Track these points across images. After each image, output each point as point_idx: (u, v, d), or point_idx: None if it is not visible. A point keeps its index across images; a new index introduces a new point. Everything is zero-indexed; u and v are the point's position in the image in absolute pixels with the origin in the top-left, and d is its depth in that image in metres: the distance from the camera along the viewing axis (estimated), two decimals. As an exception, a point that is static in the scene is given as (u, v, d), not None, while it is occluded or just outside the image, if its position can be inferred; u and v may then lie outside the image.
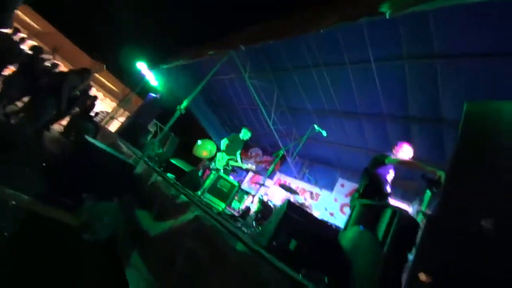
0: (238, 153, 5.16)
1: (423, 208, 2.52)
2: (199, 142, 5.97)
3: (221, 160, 5.00)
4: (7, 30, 5.31)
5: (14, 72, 5.24)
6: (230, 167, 4.99)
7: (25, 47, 5.82)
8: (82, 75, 4.64)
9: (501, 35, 3.15)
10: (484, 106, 1.73)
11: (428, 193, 2.58)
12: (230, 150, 5.11)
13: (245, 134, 5.34)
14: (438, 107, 4.41)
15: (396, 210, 1.69)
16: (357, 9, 2.94)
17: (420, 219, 2.03)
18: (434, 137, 4.91)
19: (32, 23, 9.13)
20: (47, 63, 6.05)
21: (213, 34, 5.40)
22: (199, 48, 6.02)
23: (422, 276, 1.30)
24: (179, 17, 6.12)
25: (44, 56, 5.99)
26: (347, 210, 6.50)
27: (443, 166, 4.96)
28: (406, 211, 1.68)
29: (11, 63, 5.35)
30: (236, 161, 5.03)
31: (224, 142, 5.18)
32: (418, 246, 1.40)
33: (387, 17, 2.63)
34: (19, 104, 5.42)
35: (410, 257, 1.58)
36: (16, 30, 5.85)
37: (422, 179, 2.56)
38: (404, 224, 1.64)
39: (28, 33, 8.66)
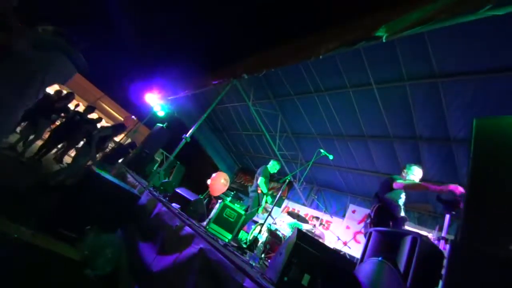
0: (262, 181, 4.79)
1: (443, 233, 2.34)
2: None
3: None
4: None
5: (60, 125, 5.88)
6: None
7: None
8: (115, 128, 5.11)
9: (501, 50, 3.19)
10: (494, 121, 1.68)
11: (447, 216, 2.41)
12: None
13: (273, 167, 5.04)
14: (445, 126, 4.34)
15: (416, 237, 1.56)
16: (354, 34, 3.04)
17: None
18: (444, 155, 4.76)
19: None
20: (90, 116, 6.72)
21: (216, 64, 5.62)
22: (204, 78, 6.25)
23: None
24: (183, 49, 6.45)
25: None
26: (361, 238, 6.15)
27: (457, 184, 4.77)
28: (427, 238, 1.55)
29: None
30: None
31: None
32: (445, 278, 1.27)
33: (384, 41, 2.70)
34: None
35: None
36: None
37: (438, 202, 2.41)
38: (427, 252, 1.50)
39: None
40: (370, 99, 4.87)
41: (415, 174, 3.18)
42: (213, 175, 5.18)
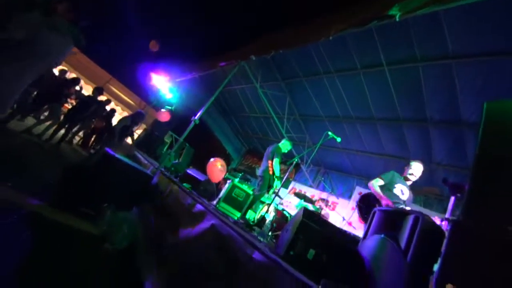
0: (277, 162, 4.35)
1: (447, 215, 2.39)
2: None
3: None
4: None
5: (73, 107, 6.11)
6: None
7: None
8: (133, 117, 5.26)
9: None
10: (505, 105, 1.66)
11: (451, 199, 2.45)
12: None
13: (285, 146, 4.65)
14: (457, 109, 4.24)
15: (418, 216, 1.62)
16: (366, 13, 2.93)
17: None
18: (455, 140, 4.70)
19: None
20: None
21: (225, 46, 5.55)
22: (211, 60, 6.20)
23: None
24: (192, 31, 6.36)
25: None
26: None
27: (465, 169, 4.75)
28: (429, 217, 1.60)
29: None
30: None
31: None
32: (443, 255, 1.33)
33: (397, 19, 2.61)
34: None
35: (436, 267, 1.50)
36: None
37: (444, 184, 2.44)
38: (428, 231, 1.56)
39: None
40: (380, 81, 4.76)
41: (413, 169, 3.30)
42: (210, 161, 4.92)
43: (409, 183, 3.26)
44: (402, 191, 3.11)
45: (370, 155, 6.57)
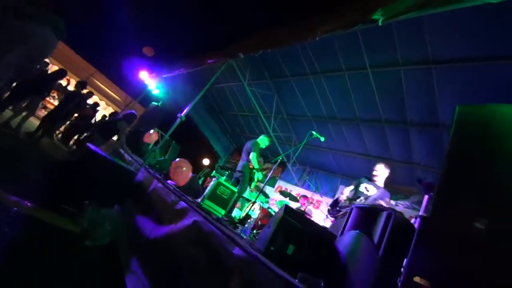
0: (254, 156, 4.62)
1: (420, 212, 2.52)
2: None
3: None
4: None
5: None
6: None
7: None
8: (129, 120, 5.23)
9: (494, 39, 3.22)
10: (476, 109, 1.76)
11: (425, 197, 2.59)
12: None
13: (263, 141, 4.99)
14: (435, 112, 4.45)
15: (391, 213, 1.71)
16: (350, 17, 3.02)
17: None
18: (434, 142, 4.93)
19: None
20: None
21: (213, 43, 5.52)
22: (199, 57, 6.15)
23: (417, 280, 1.31)
24: (181, 27, 6.28)
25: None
26: (348, 216, 6.47)
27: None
28: (400, 214, 1.70)
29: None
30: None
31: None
32: (412, 249, 1.42)
33: (380, 24, 2.71)
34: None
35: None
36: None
37: (419, 184, 2.58)
38: (399, 227, 1.65)
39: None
40: (364, 83, 4.91)
41: (377, 170, 3.71)
42: (174, 162, 4.63)
43: (377, 182, 3.68)
44: (366, 188, 3.62)
45: (354, 155, 6.76)
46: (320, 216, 6.32)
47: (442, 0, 2.36)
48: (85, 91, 7.12)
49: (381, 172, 3.70)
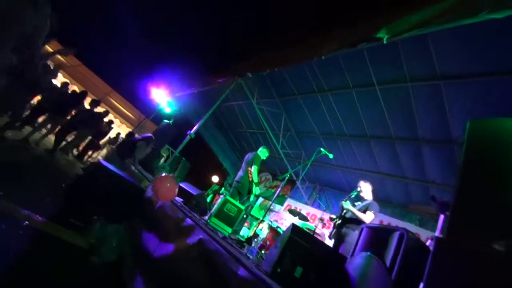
0: (255, 169, 4.65)
1: (436, 233, 2.39)
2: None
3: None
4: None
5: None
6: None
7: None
8: (148, 142, 5.54)
9: (503, 52, 3.19)
10: (487, 123, 1.71)
11: (441, 217, 2.46)
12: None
13: (263, 153, 4.97)
14: (447, 128, 4.34)
15: (403, 233, 1.63)
16: (355, 35, 3.09)
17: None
18: (447, 159, 4.76)
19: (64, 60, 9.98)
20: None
21: (222, 63, 5.74)
22: (210, 76, 6.37)
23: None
24: (191, 48, 6.59)
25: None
26: (360, 236, 6.19)
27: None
28: (413, 234, 1.61)
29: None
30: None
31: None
32: (427, 272, 1.33)
33: (384, 42, 2.75)
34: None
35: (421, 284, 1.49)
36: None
37: (433, 202, 2.47)
38: (412, 248, 1.57)
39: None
40: (372, 100, 4.89)
41: (361, 187, 4.05)
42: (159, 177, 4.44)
43: (364, 197, 3.95)
44: (349, 203, 3.88)
45: (365, 173, 6.59)
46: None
47: (446, 18, 2.39)
48: (99, 109, 7.48)
49: (364, 188, 4.00)
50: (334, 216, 4.06)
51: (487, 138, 1.61)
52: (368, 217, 3.42)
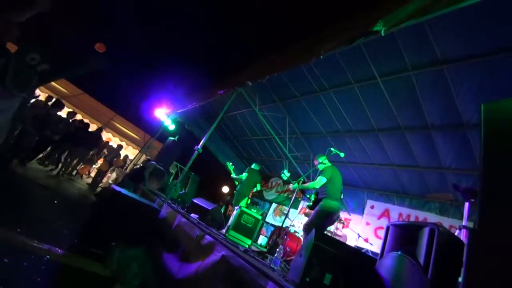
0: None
1: (464, 222, 2.30)
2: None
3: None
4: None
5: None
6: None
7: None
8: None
9: (502, 30, 3.12)
10: (501, 104, 1.66)
11: (466, 204, 2.38)
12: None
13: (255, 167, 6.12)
14: (456, 112, 4.24)
15: (434, 228, 1.56)
16: (352, 31, 3.07)
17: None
18: (459, 142, 4.63)
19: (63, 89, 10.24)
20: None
21: (220, 74, 5.79)
22: (210, 89, 6.42)
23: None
24: (189, 62, 6.68)
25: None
26: (381, 233, 6.03)
27: (476, 171, 4.64)
28: (444, 228, 1.55)
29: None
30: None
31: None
32: (465, 267, 1.27)
33: (382, 34, 2.72)
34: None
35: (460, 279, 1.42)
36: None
37: (456, 190, 2.39)
38: (446, 243, 1.50)
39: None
40: (376, 93, 4.83)
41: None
42: None
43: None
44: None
45: (377, 166, 6.48)
46: (351, 235, 5.94)
47: (441, 3, 2.36)
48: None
49: (316, 163, 4.19)
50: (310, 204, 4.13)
51: (505, 119, 1.56)
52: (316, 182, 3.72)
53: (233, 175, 6.18)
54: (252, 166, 6.11)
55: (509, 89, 3.44)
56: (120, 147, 9.45)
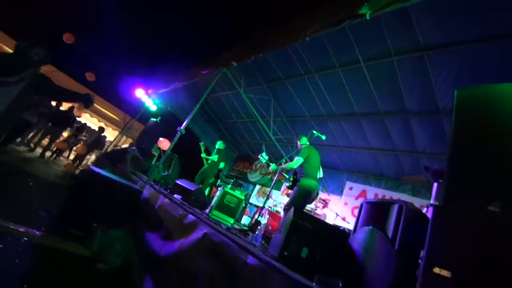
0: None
1: (431, 201, 2.49)
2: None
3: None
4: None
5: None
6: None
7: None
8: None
9: (482, 19, 3.22)
10: (474, 91, 1.75)
11: (434, 185, 2.56)
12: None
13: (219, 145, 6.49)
14: (434, 99, 4.43)
15: (402, 205, 1.68)
16: (338, 14, 3.05)
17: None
18: (436, 128, 4.89)
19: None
20: None
21: (204, 54, 5.59)
22: (194, 69, 6.21)
23: (437, 271, 1.28)
24: (172, 41, 6.38)
25: None
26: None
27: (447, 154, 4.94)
28: (412, 205, 1.67)
29: None
30: None
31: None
32: (428, 240, 1.39)
33: (368, 18, 2.72)
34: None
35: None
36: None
37: (426, 172, 2.55)
38: (412, 218, 1.63)
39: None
40: (359, 77, 4.90)
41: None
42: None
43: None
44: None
45: (357, 150, 6.72)
46: (330, 215, 6.25)
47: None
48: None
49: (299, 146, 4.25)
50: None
51: (475, 105, 1.65)
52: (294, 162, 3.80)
53: (204, 155, 6.45)
54: (217, 146, 6.40)
55: (485, 78, 3.60)
56: (102, 129, 9.05)
